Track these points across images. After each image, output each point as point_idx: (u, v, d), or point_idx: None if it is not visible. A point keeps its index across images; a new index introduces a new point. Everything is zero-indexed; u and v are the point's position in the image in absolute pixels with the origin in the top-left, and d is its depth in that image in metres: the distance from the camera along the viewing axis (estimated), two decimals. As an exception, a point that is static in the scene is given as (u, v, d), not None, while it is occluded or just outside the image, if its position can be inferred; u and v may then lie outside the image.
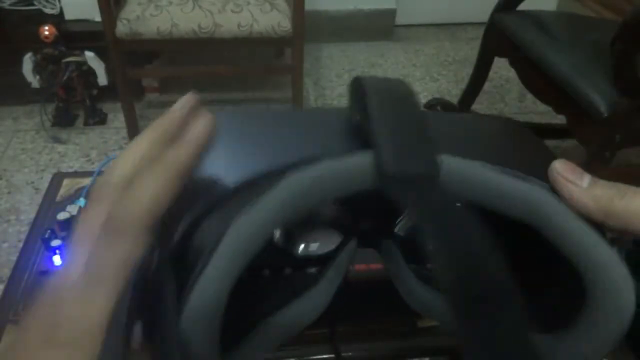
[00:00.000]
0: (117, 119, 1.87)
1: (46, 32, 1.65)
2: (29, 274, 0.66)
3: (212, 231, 0.22)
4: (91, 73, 1.74)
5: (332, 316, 0.28)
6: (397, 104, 0.23)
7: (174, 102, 0.24)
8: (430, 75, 2.23)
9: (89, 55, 1.71)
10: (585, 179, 0.24)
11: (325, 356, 0.49)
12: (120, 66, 1.56)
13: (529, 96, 1.74)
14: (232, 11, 1.52)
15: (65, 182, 0.80)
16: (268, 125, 0.27)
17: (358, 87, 0.25)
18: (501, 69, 2.03)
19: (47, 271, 0.65)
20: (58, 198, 0.77)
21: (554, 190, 0.23)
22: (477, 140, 0.27)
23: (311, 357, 0.48)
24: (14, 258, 0.69)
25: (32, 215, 0.77)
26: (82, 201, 0.74)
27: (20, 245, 0.71)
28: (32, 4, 1.80)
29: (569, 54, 1.34)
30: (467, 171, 0.22)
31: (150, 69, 2.01)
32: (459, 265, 0.19)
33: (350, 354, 0.50)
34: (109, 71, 1.73)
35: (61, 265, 0.22)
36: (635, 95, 1.19)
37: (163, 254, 0.22)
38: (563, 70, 1.31)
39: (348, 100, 0.26)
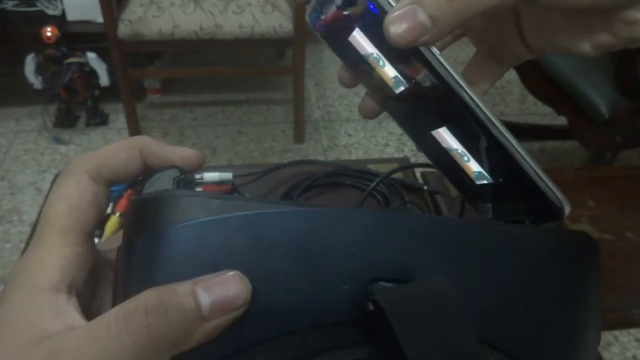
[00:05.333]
0: (118, 120, 1.87)
1: (48, 33, 1.65)
2: (31, 274, 0.66)
3: None
4: (93, 74, 1.74)
5: None
6: None
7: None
8: (432, 76, 2.22)
9: (91, 56, 1.71)
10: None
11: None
12: (122, 67, 1.56)
13: (530, 98, 1.74)
14: (234, 12, 1.53)
15: (67, 182, 0.80)
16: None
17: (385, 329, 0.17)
18: (502, 70, 2.03)
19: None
20: (60, 199, 0.77)
21: None
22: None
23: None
24: (15, 259, 0.69)
25: (34, 215, 0.78)
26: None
27: (22, 246, 0.71)
28: (35, 5, 1.80)
29: (570, 55, 1.34)
30: None
31: (151, 70, 2.01)
32: None
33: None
34: (110, 72, 1.73)
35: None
36: (636, 96, 1.19)
37: None
38: (564, 71, 1.31)
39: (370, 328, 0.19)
